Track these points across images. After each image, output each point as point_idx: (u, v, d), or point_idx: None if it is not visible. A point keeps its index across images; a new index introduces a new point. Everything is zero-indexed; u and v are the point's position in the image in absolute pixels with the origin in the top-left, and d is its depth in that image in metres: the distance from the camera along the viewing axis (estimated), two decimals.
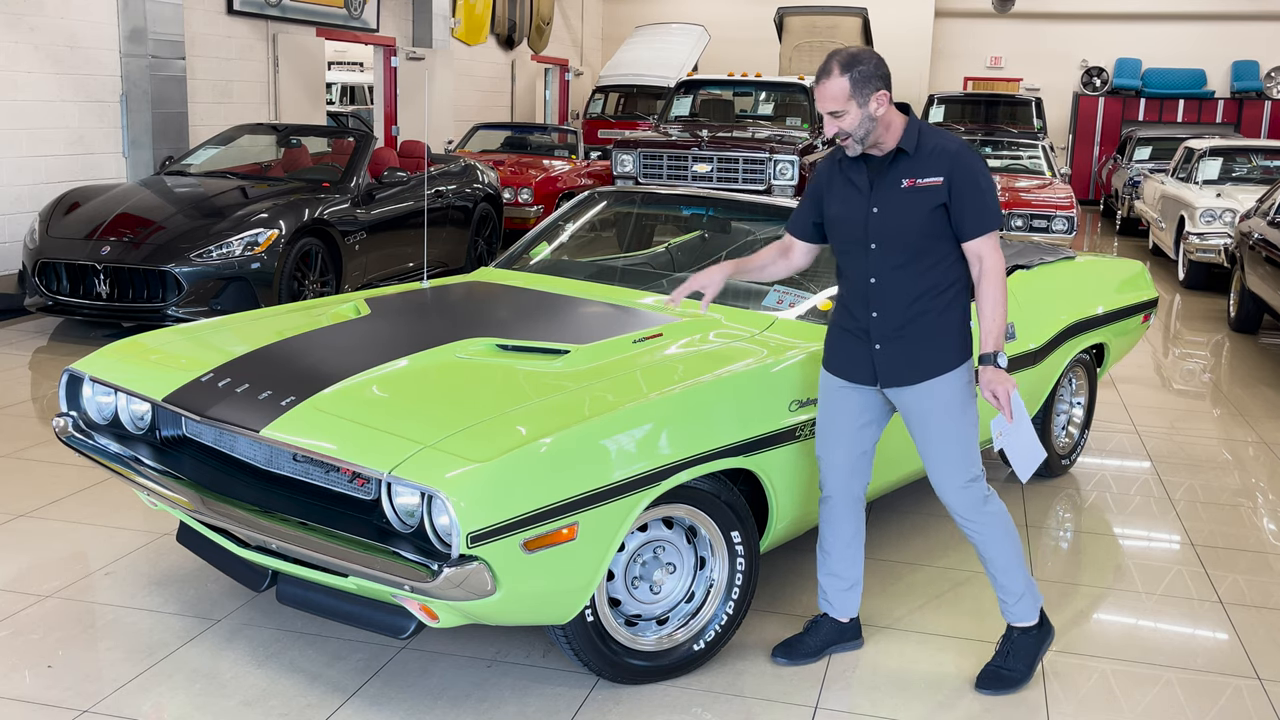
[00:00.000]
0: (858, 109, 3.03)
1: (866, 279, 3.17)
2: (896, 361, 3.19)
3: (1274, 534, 4.69)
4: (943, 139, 3.13)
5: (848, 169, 3.20)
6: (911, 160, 3.10)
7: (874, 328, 3.19)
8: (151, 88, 10.07)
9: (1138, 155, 16.07)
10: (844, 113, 3.04)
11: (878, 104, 3.04)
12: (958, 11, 21.27)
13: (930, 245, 3.12)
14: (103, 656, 3.32)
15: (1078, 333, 4.90)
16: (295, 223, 7.44)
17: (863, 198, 3.15)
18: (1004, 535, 3.28)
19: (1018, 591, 3.32)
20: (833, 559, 3.44)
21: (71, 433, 3.57)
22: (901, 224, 3.10)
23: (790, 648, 3.44)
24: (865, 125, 3.05)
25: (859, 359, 3.24)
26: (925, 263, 3.13)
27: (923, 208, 3.08)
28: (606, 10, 23.05)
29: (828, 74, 3.04)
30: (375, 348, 3.52)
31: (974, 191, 3.08)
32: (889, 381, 3.21)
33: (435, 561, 2.69)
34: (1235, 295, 9.20)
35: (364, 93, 21.06)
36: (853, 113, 3.04)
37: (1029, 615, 3.35)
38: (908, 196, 3.10)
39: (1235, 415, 6.56)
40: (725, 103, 13.49)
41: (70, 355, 6.89)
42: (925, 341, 3.16)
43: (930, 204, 3.08)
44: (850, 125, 3.05)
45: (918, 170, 3.09)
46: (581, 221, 4.98)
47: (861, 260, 3.17)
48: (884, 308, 3.16)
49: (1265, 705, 3.31)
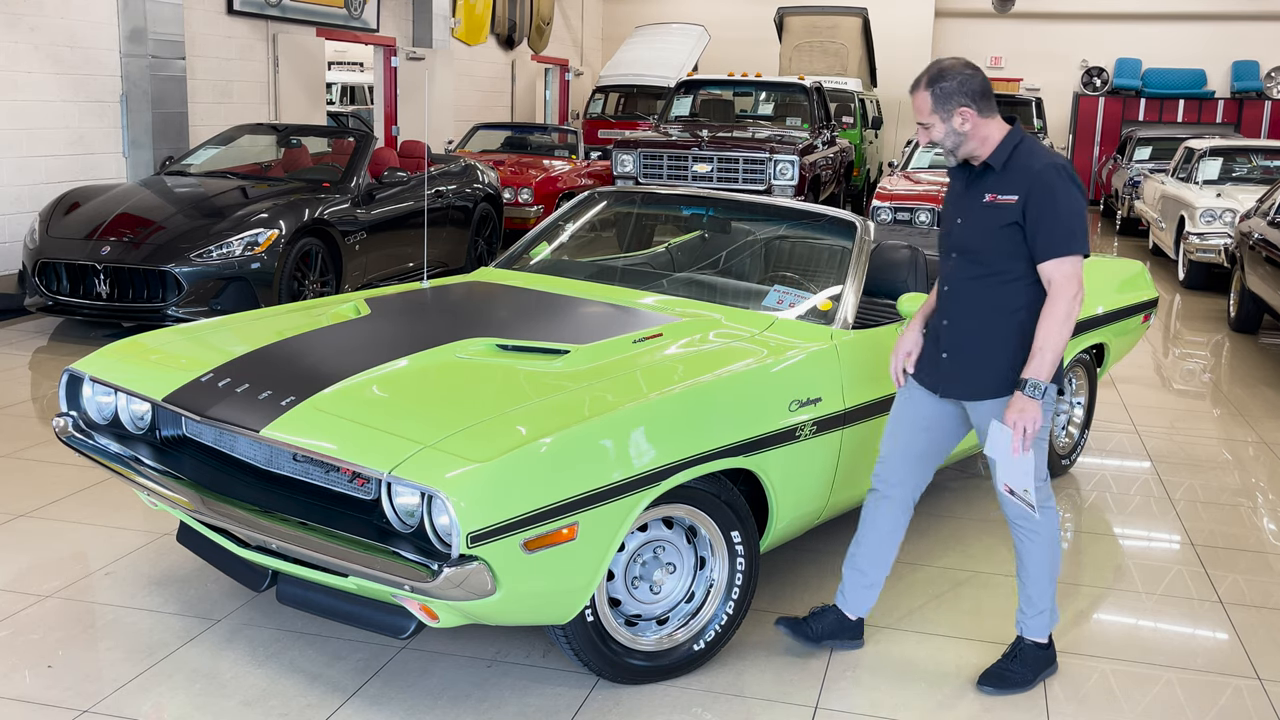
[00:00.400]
0: (941, 123, 3.10)
1: (944, 286, 3.25)
2: (958, 374, 3.22)
3: (1274, 534, 4.69)
4: (1033, 157, 3.11)
5: (955, 176, 3.27)
6: (997, 176, 3.13)
7: (944, 336, 3.24)
8: (151, 88, 10.07)
9: (1138, 155, 16.06)
10: (930, 125, 3.13)
11: (962, 120, 3.09)
12: (958, 11, 21.27)
13: (1003, 263, 3.12)
14: (103, 656, 3.32)
15: (1078, 332, 4.90)
16: (295, 223, 7.44)
17: (955, 208, 3.23)
18: (1047, 548, 3.30)
19: (1040, 607, 3.34)
20: (861, 553, 3.45)
21: (71, 433, 3.57)
22: (978, 238, 3.15)
23: (794, 625, 3.49)
24: (952, 138, 3.12)
25: (927, 363, 3.31)
26: (997, 280, 3.13)
27: (996, 224, 3.11)
28: (606, 10, 23.05)
29: (916, 87, 3.14)
30: (375, 348, 3.52)
31: (1049, 214, 3.05)
32: (947, 392, 3.25)
33: (435, 561, 2.69)
34: (1235, 295, 9.20)
35: (364, 93, 21.06)
36: (938, 126, 3.11)
37: (1041, 633, 3.37)
38: (986, 211, 3.13)
39: (1235, 415, 6.56)
40: (725, 103, 13.49)
41: (70, 355, 6.89)
42: (987, 360, 3.17)
43: (1002, 221, 3.09)
44: (937, 137, 3.13)
45: (1000, 186, 3.12)
46: (581, 221, 4.98)
47: (945, 267, 3.26)
48: (953, 317, 3.21)
49: (1265, 705, 3.31)
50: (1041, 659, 3.37)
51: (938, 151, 12.69)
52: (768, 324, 3.85)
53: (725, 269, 4.69)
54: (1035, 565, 3.30)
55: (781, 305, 4.00)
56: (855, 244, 4.08)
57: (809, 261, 4.54)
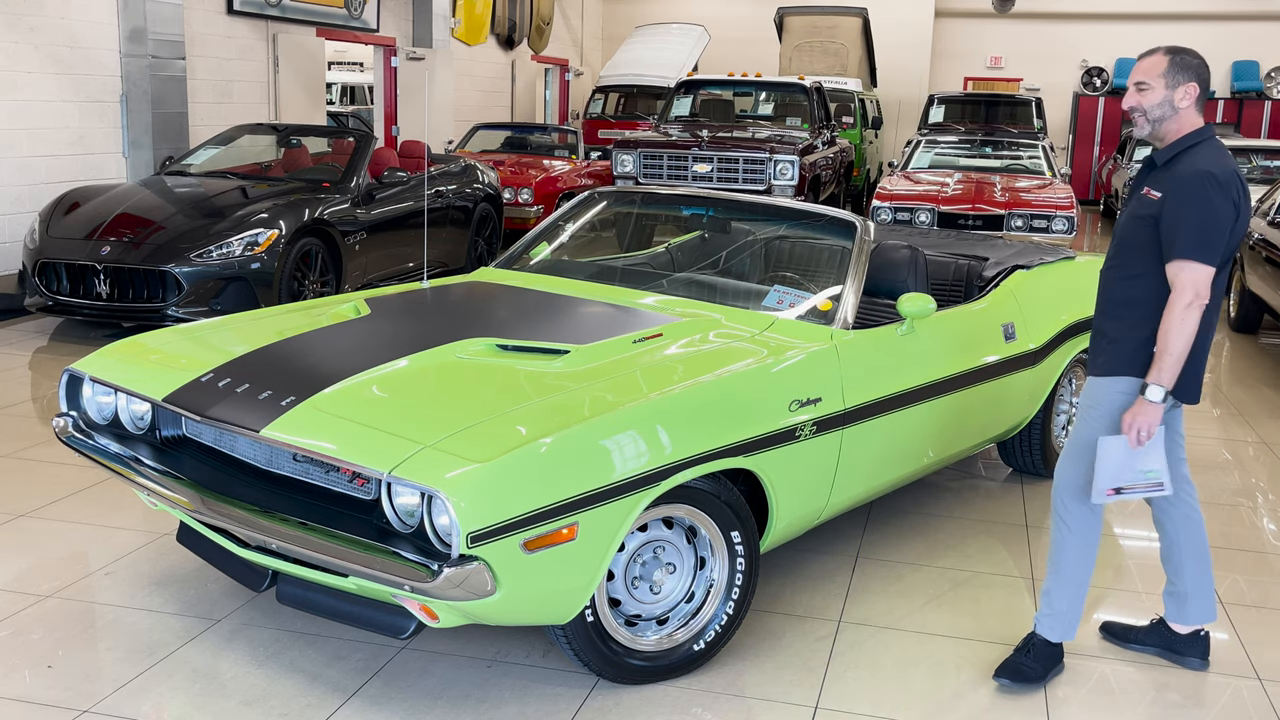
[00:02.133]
0: (1164, 89, 3.13)
1: (1104, 267, 3.34)
2: (1097, 349, 3.31)
3: (1274, 534, 4.69)
4: (1194, 161, 3.11)
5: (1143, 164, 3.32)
6: (1158, 172, 3.20)
7: (1097, 313, 3.36)
8: (151, 88, 10.07)
9: (1138, 155, 16.06)
10: (1149, 87, 3.14)
11: (1184, 95, 3.13)
12: (958, 11, 21.27)
13: (1136, 257, 3.20)
14: (103, 656, 3.32)
15: (1078, 333, 4.90)
16: (295, 223, 7.44)
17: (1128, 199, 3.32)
18: (1081, 548, 3.34)
19: (1060, 610, 3.37)
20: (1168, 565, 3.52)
21: (71, 433, 3.57)
22: (1124, 227, 3.25)
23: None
24: (1163, 108, 3.14)
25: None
26: (1128, 271, 3.22)
27: (1138, 217, 3.19)
28: (606, 10, 23.05)
29: (1152, 52, 3.19)
30: (375, 348, 3.52)
31: (1178, 215, 3.08)
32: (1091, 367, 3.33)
33: (435, 561, 2.69)
34: (1235, 295, 9.20)
35: (364, 93, 21.06)
36: (1158, 90, 3.13)
37: (1053, 633, 3.39)
38: (1137, 204, 3.22)
39: (1235, 415, 6.56)
40: (725, 103, 13.49)
41: (70, 355, 6.89)
42: (1109, 342, 3.25)
43: (1143, 214, 3.17)
44: (1149, 102, 3.14)
45: (1156, 183, 3.18)
46: (581, 221, 4.98)
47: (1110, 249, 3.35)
48: (1103, 298, 3.32)
49: (1265, 705, 3.31)
50: (1052, 656, 3.40)
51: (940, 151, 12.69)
52: (768, 324, 3.85)
53: (725, 269, 4.69)
54: (1066, 563, 3.36)
55: (781, 305, 4.00)
56: (855, 244, 4.08)
57: (809, 261, 4.54)
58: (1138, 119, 3.20)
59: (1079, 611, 3.39)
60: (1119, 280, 3.26)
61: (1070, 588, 3.36)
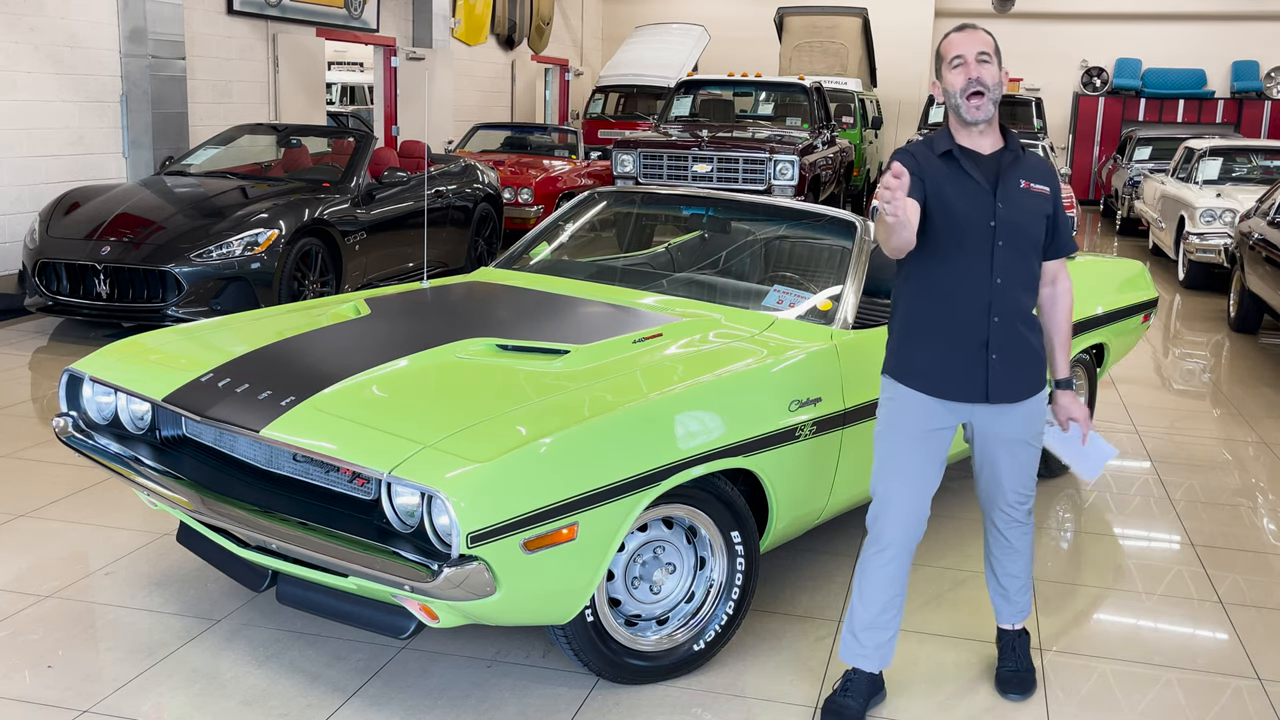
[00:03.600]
0: (998, 68, 2.92)
1: (990, 279, 2.94)
2: (1011, 374, 2.99)
3: (1274, 534, 4.69)
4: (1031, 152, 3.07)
5: (960, 158, 2.95)
6: (1023, 164, 2.99)
7: (995, 335, 2.95)
8: (151, 88, 10.07)
9: (1138, 155, 16.07)
10: (991, 61, 2.90)
11: (1004, 80, 2.95)
12: (958, 11, 21.26)
13: (1038, 255, 3.04)
14: (103, 656, 3.32)
15: (1078, 333, 4.90)
16: (295, 223, 7.44)
17: (984, 191, 2.93)
18: (1030, 545, 3.29)
19: (1025, 601, 3.33)
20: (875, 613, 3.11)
21: (71, 433, 3.57)
22: (1025, 224, 2.97)
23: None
24: (999, 90, 2.93)
25: (968, 373, 2.98)
26: (1034, 271, 3.04)
27: (1038, 213, 2.99)
28: (606, 10, 23.04)
29: (975, 27, 2.96)
30: (375, 348, 3.52)
31: (1064, 211, 3.07)
32: (999, 396, 2.99)
33: (435, 561, 2.69)
34: (1235, 295, 9.20)
35: (364, 93, 21.05)
36: (996, 68, 2.91)
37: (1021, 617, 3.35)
38: (1026, 198, 2.97)
39: (1235, 415, 6.56)
40: (725, 103, 13.49)
41: (70, 355, 6.89)
42: (1031, 354, 3.03)
43: (1042, 211, 3.00)
44: (991, 80, 2.89)
45: (1030, 175, 2.99)
46: (581, 221, 4.98)
47: (983, 259, 2.93)
48: (1005, 312, 2.95)
49: (1265, 705, 3.31)
50: (1027, 641, 3.38)
51: None
52: (768, 324, 3.85)
53: (725, 269, 4.69)
54: (1025, 563, 3.27)
55: (781, 305, 4.00)
56: (855, 244, 4.08)
57: (809, 261, 4.54)
58: (981, 103, 2.89)
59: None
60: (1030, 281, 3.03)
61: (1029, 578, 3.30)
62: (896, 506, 3.03)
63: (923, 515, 3.05)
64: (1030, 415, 3.08)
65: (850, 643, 3.15)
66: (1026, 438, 3.09)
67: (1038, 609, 3.85)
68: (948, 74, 2.94)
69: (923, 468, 3.03)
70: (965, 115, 2.92)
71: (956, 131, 2.99)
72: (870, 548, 3.09)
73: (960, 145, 2.97)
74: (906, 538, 3.04)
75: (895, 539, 3.04)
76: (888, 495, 3.05)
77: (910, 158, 2.95)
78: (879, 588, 3.08)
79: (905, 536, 3.04)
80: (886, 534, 3.05)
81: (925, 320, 3.01)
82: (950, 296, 2.97)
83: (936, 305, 2.99)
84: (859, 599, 3.12)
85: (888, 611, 3.10)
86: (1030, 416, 3.08)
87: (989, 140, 2.98)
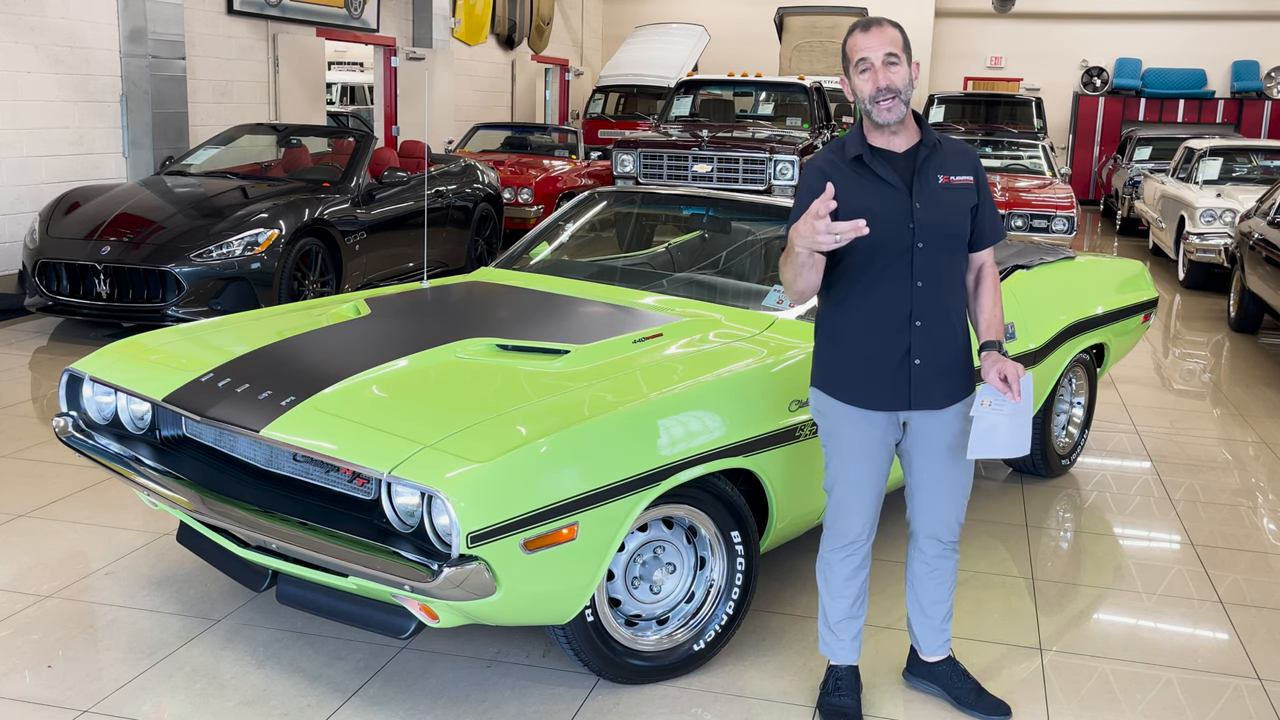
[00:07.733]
0: (907, 66, 2.82)
1: (911, 283, 2.86)
2: (935, 380, 2.91)
3: (1274, 534, 4.69)
4: (950, 139, 3.01)
5: (871, 162, 2.87)
6: (940, 156, 2.90)
7: (916, 340, 2.88)
8: (151, 88, 10.07)
9: (1138, 155, 16.07)
10: (900, 61, 2.80)
11: (915, 74, 2.85)
12: (958, 11, 21.26)
13: (962, 250, 2.94)
14: (103, 656, 3.32)
15: (1078, 333, 4.90)
16: (295, 223, 7.44)
17: (899, 192, 2.84)
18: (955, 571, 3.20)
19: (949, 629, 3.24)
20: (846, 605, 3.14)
21: (71, 433, 3.57)
22: (947, 221, 2.87)
23: None
24: (909, 89, 2.82)
25: (892, 380, 2.91)
26: (959, 268, 2.94)
27: (961, 206, 2.90)
28: (606, 10, 23.05)
29: (880, 23, 2.84)
30: (375, 348, 3.52)
31: (990, 197, 2.99)
32: (923, 403, 2.92)
33: (435, 561, 2.69)
34: (1235, 295, 9.20)
35: (364, 93, 21.06)
36: (905, 67, 2.81)
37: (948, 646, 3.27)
38: (947, 193, 2.87)
39: (1235, 415, 6.56)
40: (725, 103, 13.49)
41: (70, 355, 6.89)
42: (957, 358, 2.95)
43: (966, 203, 2.90)
44: (901, 81, 2.79)
45: (948, 168, 2.89)
46: (581, 221, 4.98)
47: (903, 263, 2.85)
48: (928, 315, 2.87)
49: (1265, 705, 3.31)
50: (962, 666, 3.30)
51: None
52: (768, 324, 3.85)
53: (725, 269, 4.69)
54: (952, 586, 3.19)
55: (781, 305, 4.00)
56: None
57: None
58: (892, 104, 2.79)
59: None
60: (956, 280, 2.93)
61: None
62: (849, 508, 3.05)
63: (877, 510, 3.08)
64: (960, 416, 2.97)
65: (828, 638, 3.18)
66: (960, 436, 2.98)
67: (1038, 609, 3.85)
68: (855, 78, 2.84)
69: (867, 474, 3.01)
70: (876, 118, 2.84)
71: (869, 132, 2.90)
72: (831, 544, 3.11)
73: (872, 146, 2.89)
74: (864, 533, 3.07)
75: (856, 535, 3.07)
76: (841, 498, 3.06)
77: (821, 174, 2.87)
78: (846, 581, 3.12)
79: (863, 531, 3.07)
80: (848, 532, 3.07)
81: (846, 329, 2.94)
82: (870, 303, 2.89)
83: (856, 313, 2.91)
84: (828, 595, 3.14)
85: (856, 603, 3.14)
86: (959, 417, 2.97)
87: (903, 138, 2.89)
